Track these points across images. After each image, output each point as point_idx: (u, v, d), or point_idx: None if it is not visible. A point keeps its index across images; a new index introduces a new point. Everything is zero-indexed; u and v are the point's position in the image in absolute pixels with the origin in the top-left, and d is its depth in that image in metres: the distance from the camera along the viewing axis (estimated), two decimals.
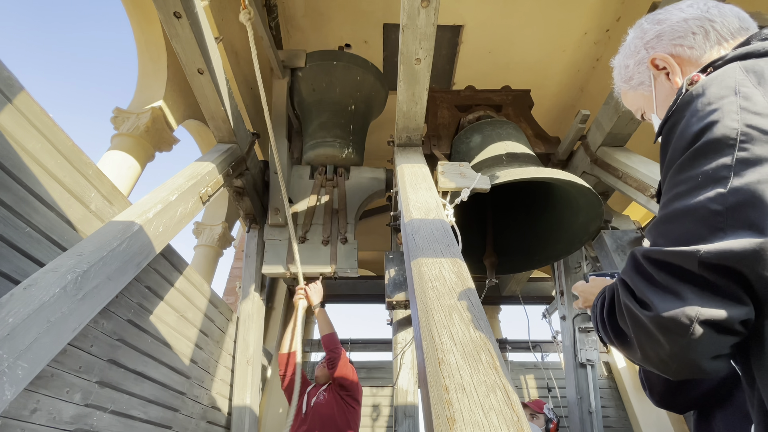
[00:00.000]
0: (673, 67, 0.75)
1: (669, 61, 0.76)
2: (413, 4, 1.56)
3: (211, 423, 2.81)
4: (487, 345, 0.81)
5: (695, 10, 0.76)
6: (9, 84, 1.52)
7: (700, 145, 0.55)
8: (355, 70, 3.21)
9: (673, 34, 0.76)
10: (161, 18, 1.75)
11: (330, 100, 3.21)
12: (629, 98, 0.90)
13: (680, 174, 0.57)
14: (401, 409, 2.64)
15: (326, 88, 3.20)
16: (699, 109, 0.57)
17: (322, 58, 3.22)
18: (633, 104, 0.90)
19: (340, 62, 3.18)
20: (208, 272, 4.63)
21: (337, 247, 2.87)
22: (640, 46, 0.83)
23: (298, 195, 3.08)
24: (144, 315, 2.14)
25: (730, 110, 0.54)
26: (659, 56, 0.77)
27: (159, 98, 2.94)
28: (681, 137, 0.58)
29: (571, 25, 3.63)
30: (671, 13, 0.79)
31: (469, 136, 2.85)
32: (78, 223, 1.78)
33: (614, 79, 0.93)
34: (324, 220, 2.99)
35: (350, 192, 3.09)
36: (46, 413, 1.53)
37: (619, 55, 0.90)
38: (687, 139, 0.57)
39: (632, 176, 2.20)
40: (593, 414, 3.15)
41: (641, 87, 0.84)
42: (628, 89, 0.88)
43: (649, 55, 0.80)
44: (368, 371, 5.26)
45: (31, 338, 1.11)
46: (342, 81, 3.18)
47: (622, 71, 0.88)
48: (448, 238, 1.30)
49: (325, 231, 2.93)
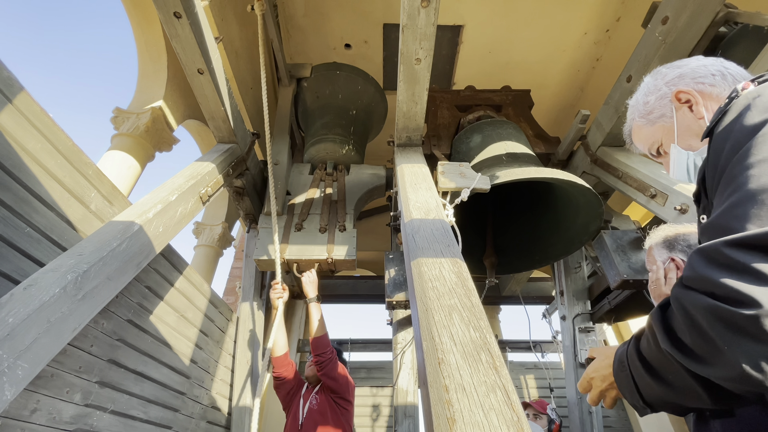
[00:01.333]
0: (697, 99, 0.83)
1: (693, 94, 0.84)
2: (413, 4, 1.56)
3: (211, 423, 2.81)
4: (487, 345, 0.81)
5: (710, 59, 0.87)
6: (9, 84, 1.52)
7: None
8: (357, 80, 3.44)
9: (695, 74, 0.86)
10: (161, 18, 1.75)
11: (332, 104, 3.39)
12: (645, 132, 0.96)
13: (749, 158, 0.56)
14: (401, 409, 2.64)
15: (329, 95, 3.41)
16: (759, 104, 0.60)
17: (327, 69, 3.46)
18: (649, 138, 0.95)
19: (343, 72, 3.42)
20: (208, 272, 4.63)
21: (335, 235, 2.68)
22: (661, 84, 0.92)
23: (297, 189, 3.02)
24: (144, 315, 2.14)
25: None
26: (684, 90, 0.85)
27: (159, 98, 2.94)
28: (742, 129, 0.60)
29: (571, 25, 3.63)
30: (689, 61, 0.89)
31: (469, 136, 2.85)
32: (78, 223, 1.78)
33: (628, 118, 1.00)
34: (322, 210, 2.85)
35: (350, 186, 3.03)
36: (46, 413, 1.53)
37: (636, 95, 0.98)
38: (750, 129, 0.58)
39: (632, 176, 2.20)
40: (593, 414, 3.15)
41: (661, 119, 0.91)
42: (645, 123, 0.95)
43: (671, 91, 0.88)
44: (368, 371, 5.26)
45: (31, 338, 1.11)
46: (344, 89, 3.39)
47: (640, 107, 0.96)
48: (448, 238, 1.30)
49: (322, 220, 2.77)
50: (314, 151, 3.27)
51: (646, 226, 2.87)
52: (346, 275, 6.41)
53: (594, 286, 3.45)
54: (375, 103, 3.58)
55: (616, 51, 3.72)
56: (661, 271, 1.27)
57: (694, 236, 1.27)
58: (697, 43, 2.02)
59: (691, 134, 0.85)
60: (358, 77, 3.46)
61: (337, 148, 3.24)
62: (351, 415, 2.43)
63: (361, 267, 6.81)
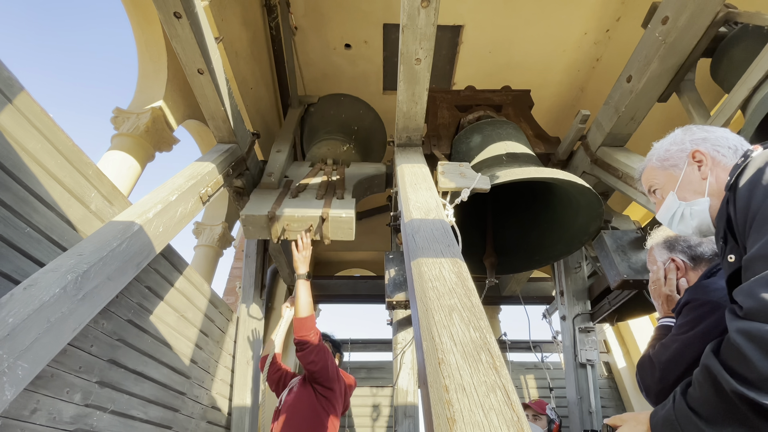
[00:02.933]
0: (708, 162, 0.98)
1: (707, 157, 0.98)
2: (413, 4, 1.56)
3: (211, 423, 2.81)
4: (487, 345, 0.81)
5: (734, 136, 1.02)
6: (9, 84, 1.52)
7: None
8: (359, 105, 3.71)
9: (716, 142, 1.00)
10: (161, 18, 1.75)
11: (336, 120, 3.65)
12: (653, 173, 1.11)
13: None
14: (401, 409, 2.64)
15: (333, 115, 3.67)
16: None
17: (332, 97, 3.76)
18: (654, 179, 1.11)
19: (347, 98, 3.71)
20: (208, 272, 4.63)
21: (332, 201, 2.45)
22: (686, 140, 1.05)
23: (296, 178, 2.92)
24: (144, 315, 2.14)
25: None
26: (703, 151, 1.00)
27: (159, 98, 2.94)
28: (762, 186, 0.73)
29: (571, 25, 3.63)
30: (717, 130, 1.04)
31: (469, 136, 2.85)
32: (78, 223, 1.78)
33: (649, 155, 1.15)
34: (320, 186, 2.70)
35: (350, 174, 2.96)
36: (46, 413, 1.53)
37: (663, 141, 1.13)
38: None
39: (632, 176, 2.20)
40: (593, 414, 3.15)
41: (673, 168, 1.05)
42: (659, 166, 1.09)
43: (692, 148, 1.02)
44: (368, 371, 5.26)
45: (31, 338, 1.11)
46: (347, 111, 3.68)
47: (661, 152, 1.10)
48: (448, 238, 1.30)
49: (320, 191, 2.59)
50: (315, 150, 3.27)
51: (646, 226, 2.87)
52: (346, 275, 6.42)
53: (594, 286, 3.45)
54: (375, 129, 3.77)
55: (616, 51, 3.72)
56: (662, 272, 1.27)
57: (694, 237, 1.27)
58: (697, 43, 2.02)
59: (691, 189, 1.00)
60: (360, 103, 3.72)
61: (338, 145, 3.27)
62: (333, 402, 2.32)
63: (361, 267, 6.80)
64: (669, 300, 1.23)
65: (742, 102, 1.94)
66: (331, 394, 2.31)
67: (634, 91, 2.15)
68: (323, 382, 2.29)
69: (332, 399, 2.32)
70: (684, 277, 1.23)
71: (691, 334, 1.00)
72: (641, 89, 2.13)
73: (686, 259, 1.24)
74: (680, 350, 1.00)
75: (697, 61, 2.23)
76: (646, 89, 2.14)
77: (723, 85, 2.36)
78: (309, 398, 2.28)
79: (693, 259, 1.24)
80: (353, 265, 6.72)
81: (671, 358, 1.01)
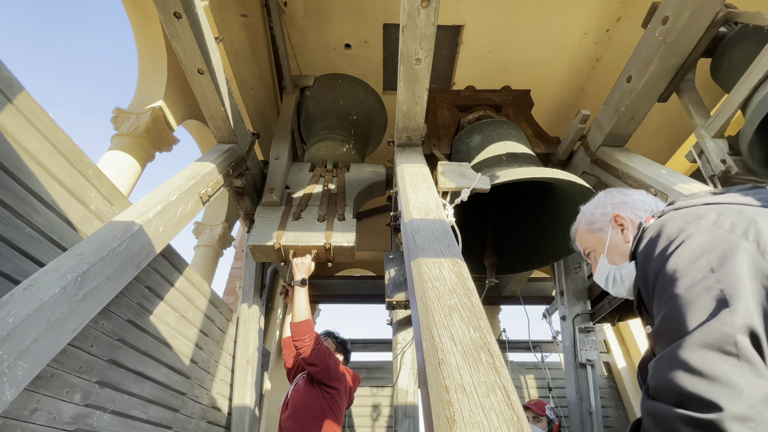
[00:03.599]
0: (629, 226, 1.05)
1: (627, 222, 1.06)
2: (413, 4, 1.56)
3: (211, 423, 2.81)
4: (487, 345, 0.81)
5: (649, 197, 1.11)
6: (9, 84, 1.52)
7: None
8: (358, 88, 3.55)
9: (634, 205, 1.08)
10: (161, 18, 1.75)
11: (334, 109, 3.49)
12: (584, 237, 1.18)
13: (668, 274, 0.71)
14: (401, 409, 2.63)
15: (331, 101, 3.51)
16: (664, 233, 0.78)
17: (329, 78, 3.58)
18: (586, 242, 1.17)
19: (344, 81, 3.55)
20: (208, 272, 4.63)
21: (333, 223, 2.57)
22: (608, 203, 1.13)
23: (297, 185, 2.97)
24: (144, 315, 2.14)
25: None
26: (623, 215, 1.07)
27: (159, 98, 2.94)
28: (656, 252, 0.76)
29: (571, 25, 3.63)
30: (633, 193, 1.13)
31: (469, 136, 2.85)
32: (78, 223, 1.78)
33: (578, 219, 1.22)
34: (321, 201, 2.77)
35: (350, 182, 2.99)
36: (46, 413, 1.53)
37: (589, 205, 1.19)
38: (661, 251, 0.75)
39: (632, 176, 2.20)
40: (593, 414, 3.15)
41: (599, 232, 1.12)
42: (587, 230, 1.16)
43: (613, 212, 1.10)
44: (368, 371, 5.26)
45: (31, 338, 1.11)
46: (345, 96, 3.51)
47: (588, 216, 1.16)
48: (448, 238, 1.30)
49: (321, 210, 2.68)
50: (315, 149, 3.27)
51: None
52: (346, 275, 6.42)
53: (594, 286, 3.44)
54: (375, 112, 3.65)
55: (616, 51, 3.72)
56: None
57: None
58: (697, 43, 2.02)
59: (618, 252, 1.06)
60: (359, 86, 3.55)
61: (337, 146, 3.25)
62: (339, 399, 2.38)
63: (361, 267, 6.81)
64: None
65: (742, 102, 1.94)
66: (335, 392, 2.36)
67: (634, 91, 2.15)
68: (326, 382, 2.34)
69: (336, 397, 2.37)
70: None
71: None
72: (641, 89, 2.13)
73: None
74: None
75: (697, 61, 2.23)
76: (646, 89, 2.14)
77: (723, 85, 2.36)
78: (314, 395, 2.33)
79: None
80: (353, 265, 6.72)
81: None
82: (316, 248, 2.45)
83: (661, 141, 3.79)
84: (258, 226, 2.56)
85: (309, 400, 2.32)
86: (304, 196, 2.82)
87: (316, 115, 3.55)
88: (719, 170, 2.03)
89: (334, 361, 2.38)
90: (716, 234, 0.69)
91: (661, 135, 3.79)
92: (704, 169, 2.12)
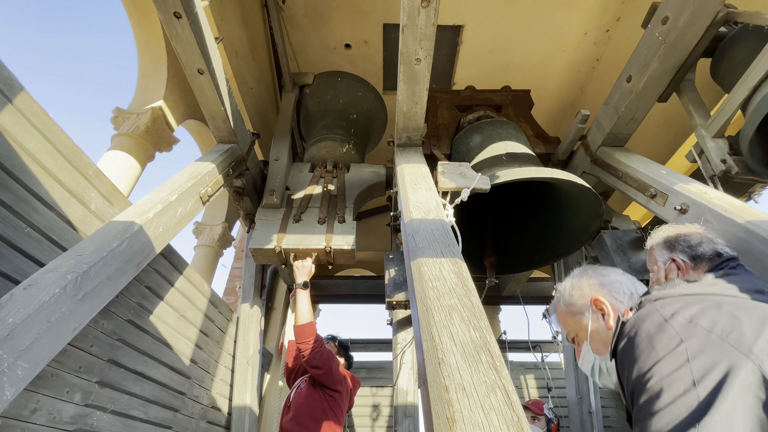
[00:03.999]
0: (609, 311, 1.00)
1: (607, 306, 1.01)
2: (413, 4, 1.56)
3: (211, 423, 2.81)
4: (487, 345, 0.81)
5: (626, 278, 1.07)
6: (9, 84, 1.52)
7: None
8: (357, 86, 3.52)
9: (612, 288, 1.04)
10: (161, 18, 1.75)
11: (333, 108, 3.47)
12: (564, 319, 1.11)
13: (638, 374, 0.72)
14: (401, 409, 2.63)
15: (330, 100, 3.49)
16: (641, 332, 0.77)
17: (328, 76, 3.56)
18: (567, 325, 1.11)
19: (344, 79, 3.53)
20: (208, 272, 4.63)
21: (334, 226, 2.58)
22: (585, 285, 1.08)
23: (297, 186, 2.98)
24: (144, 315, 2.14)
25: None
26: (601, 300, 1.02)
27: (159, 98, 2.94)
28: (631, 350, 0.76)
29: (571, 25, 3.63)
30: (610, 273, 1.09)
31: (469, 136, 2.85)
32: (78, 223, 1.78)
33: (556, 299, 1.15)
34: (321, 203, 2.78)
35: (350, 182, 2.99)
36: (46, 413, 1.53)
37: (566, 284, 1.13)
38: (634, 350, 0.75)
39: (632, 176, 2.20)
40: (593, 414, 3.15)
41: (579, 316, 1.06)
42: (567, 312, 1.10)
43: (591, 295, 1.04)
44: (368, 371, 5.26)
45: (31, 338, 1.11)
46: (345, 94, 3.48)
47: (566, 297, 1.11)
48: (448, 238, 1.30)
49: (321, 212, 2.69)
50: (314, 150, 3.27)
51: (646, 226, 2.87)
52: (346, 275, 6.42)
53: None
54: (375, 110, 3.64)
55: (616, 51, 3.72)
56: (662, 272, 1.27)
57: (695, 236, 1.27)
58: (697, 43, 2.02)
59: (601, 340, 1.01)
60: (358, 84, 3.54)
61: (337, 146, 3.25)
62: (341, 402, 2.42)
63: (361, 267, 6.81)
64: None
65: (742, 102, 1.94)
66: (337, 395, 2.40)
67: (634, 91, 2.15)
68: (329, 385, 2.38)
69: (339, 399, 2.41)
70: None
71: None
72: (641, 89, 2.13)
73: (687, 259, 1.24)
74: None
75: (697, 61, 2.23)
76: (646, 89, 2.14)
77: (723, 85, 2.36)
78: (317, 398, 2.36)
79: (693, 258, 1.23)
80: (353, 265, 6.72)
81: None
82: (316, 251, 2.45)
83: (661, 141, 3.79)
84: (258, 228, 2.57)
85: (312, 403, 2.35)
86: (304, 197, 2.82)
87: (315, 113, 3.55)
88: (719, 170, 2.03)
89: (336, 364, 2.41)
90: (698, 338, 0.67)
91: (661, 135, 3.79)
92: (704, 169, 2.12)
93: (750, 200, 2.38)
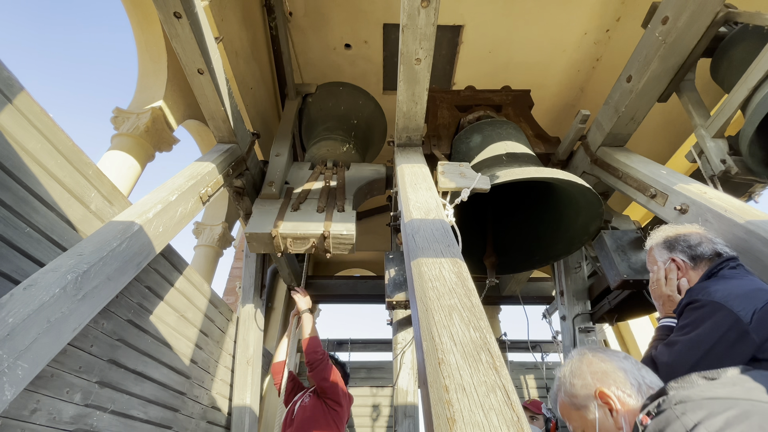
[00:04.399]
0: (617, 407, 0.90)
1: (614, 401, 0.90)
2: (413, 4, 1.56)
3: (211, 423, 2.82)
4: (487, 345, 0.81)
5: (629, 363, 0.94)
6: (9, 84, 1.52)
7: None
8: (358, 95, 3.62)
9: (616, 377, 0.93)
10: (161, 18, 1.75)
11: (335, 113, 3.57)
12: (569, 411, 1.01)
13: None
14: (401, 409, 2.64)
15: (332, 106, 3.59)
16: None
17: (330, 85, 3.67)
18: (571, 420, 1.01)
19: (345, 88, 3.62)
20: (208, 272, 4.63)
21: (333, 214, 2.52)
22: (586, 372, 0.98)
23: (296, 182, 2.95)
24: (144, 315, 2.14)
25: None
26: (607, 392, 0.91)
27: (159, 98, 2.94)
28: None
29: (571, 25, 3.63)
30: (613, 359, 0.97)
31: (469, 136, 2.85)
32: (78, 223, 1.78)
33: (557, 387, 1.04)
34: (321, 194, 2.73)
35: (350, 179, 2.97)
36: (46, 413, 1.53)
37: (565, 369, 1.03)
38: None
39: (632, 176, 2.20)
40: None
41: (584, 410, 0.96)
42: (570, 404, 0.99)
43: (595, 386, 0.94)
44: (368, 371, 5.26)
45: (31, 338, 1.11)
46: (346, 102, 3.59)
47: (567, 386, 1.01)
48: (448, 238, 1.30)
49: (321, 202, 2.64)
50: (315, 149, 3.27)
51: (646, 226, 2.87)
52: (346, 275, 6.42)
53: (594, 286, 3.44)
54: (375, 118, 3.71)
55: (616, 51, 3.72)
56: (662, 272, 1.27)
57: (694, 236, 1.27)
58: (697, 43, 2.02)
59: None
60: (359, 93, 3.62)
61: (338, 145, 3.26)
62: (342, 416, 2.54)
63: (361, 267, 6.81)
64: (670, 300, 1.23)
65: (742, 102, 1.94)
66: (340, 408, 2.49)
67: (634, 91, 2.15)
68: (333, 398, 2.47)
69: (341, 413, 2.50)
70: (684, 277, 1.23)
71: (694, 335, 1.00)
72: (641, 89, 2.13)
73: (686, 259, 1.24)
74: (682, 351, 1.00)
75: (697, 61, 2.23)
76: (646, 89, 2.14)
77: (723, 85, 2.36)
78: (321, 410, 2.46)
79: (693, 258, 1.23)
80: (353, 265, 6.72)
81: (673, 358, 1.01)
82: (314, 237, 2.38)
83: (661, 141, 3.79)
84: (255, 215, 2.50)
85: (316, 415, 2.43)
86: (304, 190, 2.79)
87: (317, 119, 3.60)
88: (719, 170, 2.03)
89: (340, 379, 2.57)
90: None
91: (661, 135, 3.79)
92: (704, 169, 2.12)
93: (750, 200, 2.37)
